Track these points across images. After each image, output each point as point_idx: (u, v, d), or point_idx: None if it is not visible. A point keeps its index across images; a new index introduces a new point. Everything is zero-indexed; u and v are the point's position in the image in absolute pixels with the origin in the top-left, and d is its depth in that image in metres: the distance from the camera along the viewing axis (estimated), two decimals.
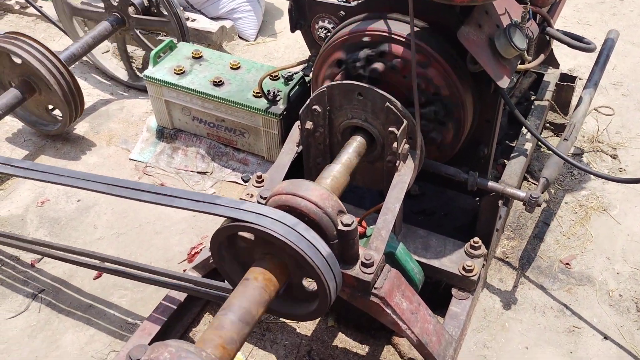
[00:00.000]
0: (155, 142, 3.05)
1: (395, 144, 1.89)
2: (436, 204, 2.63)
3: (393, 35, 1.94)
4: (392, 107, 1.86)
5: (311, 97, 2.00)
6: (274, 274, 1.53)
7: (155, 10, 3.47)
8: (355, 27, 2.04)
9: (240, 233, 1.61)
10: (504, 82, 1.82)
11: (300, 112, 2.03)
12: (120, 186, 1.77)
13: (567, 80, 2.95)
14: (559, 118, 2.99)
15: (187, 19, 3.57)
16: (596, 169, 2.82)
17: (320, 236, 1.59)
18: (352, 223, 1.65)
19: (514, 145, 2.67)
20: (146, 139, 3.07)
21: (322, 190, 1.66)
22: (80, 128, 3.20)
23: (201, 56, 2.93)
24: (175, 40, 3.19)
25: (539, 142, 2.17)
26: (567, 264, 2.38)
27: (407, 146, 1.92)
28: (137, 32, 3.31)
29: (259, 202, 1.78)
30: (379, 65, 1.96)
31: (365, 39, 1.97)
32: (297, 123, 2.11)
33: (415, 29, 1.93)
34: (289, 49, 3.81)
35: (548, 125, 3.00)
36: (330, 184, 1.81)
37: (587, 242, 2.47)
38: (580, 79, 3.12)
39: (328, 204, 1.64)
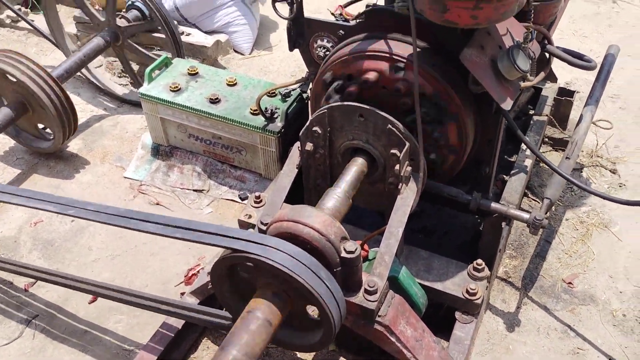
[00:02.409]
0: (151, 159, 3.00)
1: (397, 166, 1.87)
2: (436, 222, 2.61)
3: (394, 57, 1.91)
4: (394, 129, 1.83)
5: (311, 118, 1.97)
6: (276, 305, 1.49)
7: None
8: (355, 47, 2.01)
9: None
10: (507, 105, 1.79)
11: (300, 133, 1.99)
12: (109, 214, 1.72)
13: (566, 94, 2.93)
14: (557, 133, 2.97)
15: (182, 33, 3.53)
16: (596, 184, 2.81)
17: (324, 264, 1.55)
18: (356, 250, 1.61)
19: (513, 160, 2.65)
20: (141, 157, 3.03)
21: (325, 217, 1.63)
22: (74, 145, 3.15)
23: (197, 73, 2.89)
24: (170, 55, 3.16)
25: (542, 162, 2.15)
26: (570, 283, 2.35)
27: (409, 168, 1.89)
28: (133, 44, 3.28)
29: (259, 228, 1.75)
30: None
31: (368, 60, 1.95)
32: (297, 144, 2.07)
33: (417, 49, 1.91)
34: (284, 62, 3.78)
35: (547, 139, 2.99)
36: (332, 209, 1.78)
37: (589, 260, 2.45)
38: (578, 92, 3.10)
39: (331, 230, 1.61)
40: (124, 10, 3.35)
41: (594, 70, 2.31)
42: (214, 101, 2.72)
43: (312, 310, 1.62)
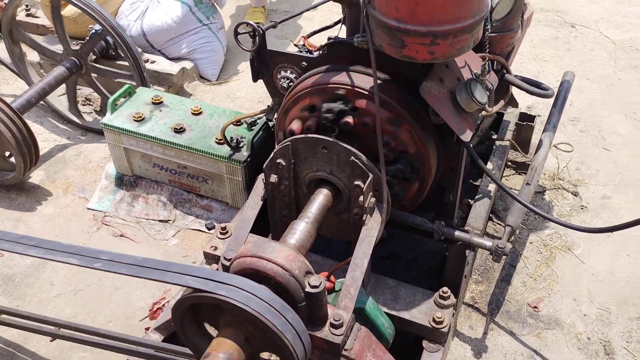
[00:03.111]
0: (115, 189, 2.95)
1: (361, 198, 1.87)
2: (403, 247, 2.62)
3: (356, 89, 1.93)
4: (357, 161, 1.84)
5: (275, 150, 1.97)
6: (239, 345, 1.47)
7: (114, 53, 3.42)
8: (318, 79, 2.02)
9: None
10: (467, 136, 1.82)
11: (264, 166, 1.99)
12: (60, 251, 1.67)
13: (527, 119, 3.00)
14: (520, 156, 3.03)
15: (147, 61, 3.51)
16: (558, 206, 2.86)
17: (288, 299, 1.54)
18: (320, 284, 1.60)
19: (478, 184, 2.69)
20: (105, 187, 2.98)
21: (289, 252, 1.62)
22: (36, 176, 3.09)
23: (161, 102, 2.87)
24: (134, 83, 3.14)
25: (503, 190, 2.18)
26: (535, 307, 2.38)
27: (373, 199, 1.90)
28: (93, 77, 3.25)
29: (223, 264, 1.73)
30: (349, 119, 1.95)
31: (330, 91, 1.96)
32: (261, 176, 2.07)
33: (378, 81, 1.93)
34: (251, 88, 3.78)
35: (510, 163, 3.04)
36: (297, 243, 1.77)
37: (553, 283, 2.48)
38: (539, 116, 3.18)
39: (295, 265, 1.60)
40: (87, 38, 3.31)
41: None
42: (179, 131, 2.70)
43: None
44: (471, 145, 2.33)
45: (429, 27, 1.57)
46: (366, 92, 1.90)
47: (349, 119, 1.91)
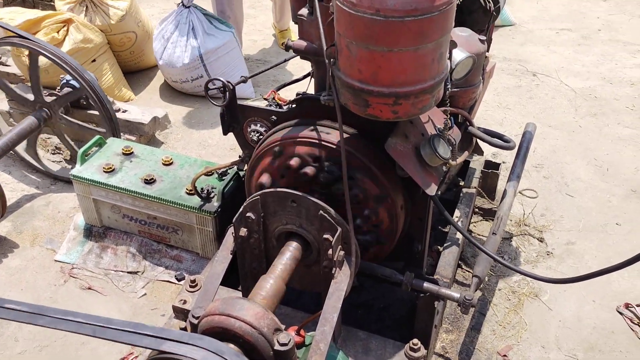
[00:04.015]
0: (83, 241, 2.92)
1: (330, 251, 1.89)
2: (374, 296, 2.63)
3: (324, 143, 1.98)
4: (325, 214, 1.87)
5: (245, 204, 1.99)
6: None
7: (85, 103, 3.44)
8: (287, 133, 2.07)
9: None
10: (432, 190, 1.87)
11: (234, 220, 2.00)
12: (19, 310, 1.64)
13: (492, 167, 3.08)
14: (486, 203, 3.10)
15: (118, 110, 3.53)
16: (525, 252, 2.92)
17: (257, 358, 1.54)
18: (289, 342, 1.60)
19: (447, 231, 2.74)
20: (73, 238, 2.94)
21: (257, 309, 1.62)
22: (2, 228, 3.03)
23: (132, 152, 2.88)
24: (105, 130, 3.15)
25: (469, 242, 2.23)
26: (505, 355, 2.40)
27: (342, 252, 1.92)
28: (68, 118, 3.25)
29: (191, 322, 1.72)
30: (309, 170, 1.99)
31: (299, 145, 2.01)
32: (230, 229, 2.08)
33: (346, 135, 1.98)
34: (222, 137, 3.81)
35: (477, 210, 3.11)
36: (266, 298, 1.77)
37: (522, 330, 2.51)
38: (504, 162, 3.27)
39: (263, 323, 1.60)
40: (58, 88, 3.33)
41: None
42: (149, 181, 2.70)
43: None
44: (439, 192, 2.39)
45: (391, 89, 1.63)
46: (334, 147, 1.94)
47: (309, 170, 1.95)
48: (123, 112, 3.56)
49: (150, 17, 4.65)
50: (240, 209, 1.99)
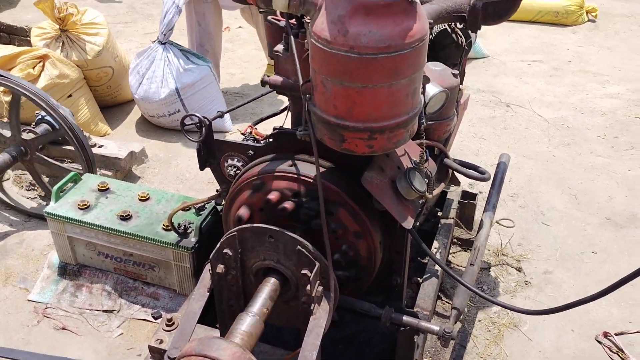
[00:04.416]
0: (57, 279, 2.85)
1: (308, 287, 1.88)
2: (355, 330, 2.61)
3: (302, 177, 1.98)
4: (303, 249, 1.86)
5: (221, 240, 1.97)
6: None
7: (60, 139, 3.40)
8: (264, 168, 2.07)
9: None
10: (409, 223, 1.88)
11: (211, 257, 1.98)
12: None
13: (469, 197, 3.11)
14: (464, 233, 3.12)
15: (94, 145, 3.50)
16: (504, 282, 2.93)
17: None
18: None
19: (426, 261, 2.74)
20: (47, 277, 2.87)
21: (235, 349, 1.59)
22: None
23: (107, 188, 2.84)
24: (80, 167, 3.12)
25: (447, 274, 2.23)
26: None
27: (320, 288, 1.91)
28: (43, 156, 3.21)
29: None
30: (288, 205, 1.98)
31: (277, 180, 2.01)
32: (207, 266, 2.05)
33: (323, 169, 1.99)
34: (200, 171, 3.79)
35: (456, 240, 3.12)
36: (244, 336, 1.74)
37: None
38: (480, 192, 3.31)
39: None
40: (33, 124, 3.30)
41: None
42: (125, 218, 2.67)
43: None
44: (417, 224, 2.40)
45: (367, 124, 1.65)
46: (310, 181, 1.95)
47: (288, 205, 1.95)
48: (99, 147, 3.53)
49: (127, 51, 4.67)
50: (217, 245, 1.97)
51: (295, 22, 1.94)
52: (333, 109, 1.67)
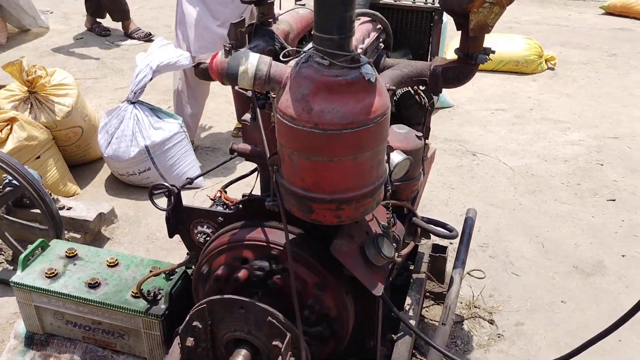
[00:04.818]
0: (24, 350, 2.76)
1: (280, 358, 1.86)
2: None
3: (271, 245, 1.99)
4: (274, 320, 1.86)
5: (190, 313, 1.95)
6: None
7: (28, 202, 3.36)
8: (233, 236, 2.07)
9: None
10: (379, 290, 1.89)
11: (180, 330, 1.96)
12: None
13: (439, 250, 3.14)
14: (436, 287, 3.14)
15: (62, 207, 3.46)
16: (477, 336, 2.95)
17: None
18: None
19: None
20: (13, 348, 2.78)
21: None
22: None
23: (75, 255, 2.79)
24: (47, 228, 3.06)
25: (418, 337, 2.24)
26: None
27: (292, 359, 1.90)
28: (9, 217, 3.16)
29: None
30: (241, 274, 1.98)
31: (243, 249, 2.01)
32: (177, 340, 2.03)
33: (292, 236, 2.00)
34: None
35: (428, 294, 3.14)
36: None
37: None
38: (451, 243, 3.34)
39: None
40: (0, 187, 3.25)
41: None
42: (93, 286, 2.61)
43: None
44: (390, 279, 2.41)
45: (334, 195, 1.68)
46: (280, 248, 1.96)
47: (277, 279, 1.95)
48: (67, 209, 3.49)
49: (97, 107, 4.69)
50: (187, 318, 1.96)
51: (262, 93, 1.99)
52: (300, 181, 1.70)
